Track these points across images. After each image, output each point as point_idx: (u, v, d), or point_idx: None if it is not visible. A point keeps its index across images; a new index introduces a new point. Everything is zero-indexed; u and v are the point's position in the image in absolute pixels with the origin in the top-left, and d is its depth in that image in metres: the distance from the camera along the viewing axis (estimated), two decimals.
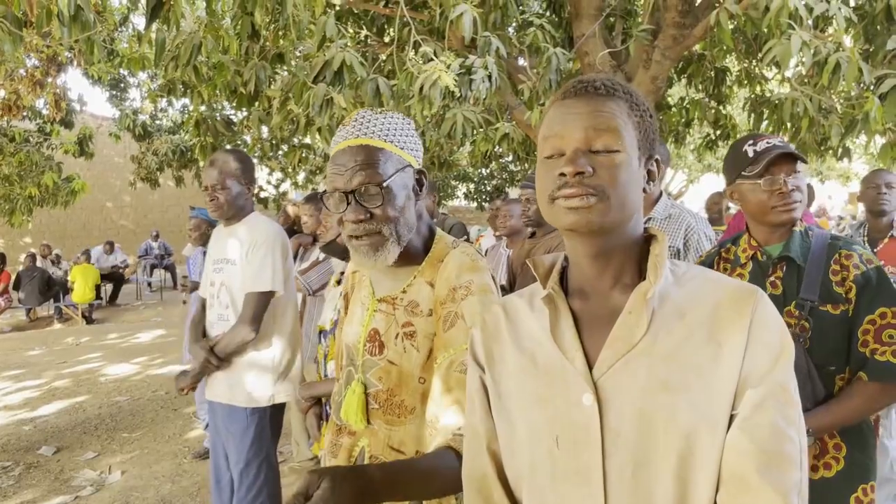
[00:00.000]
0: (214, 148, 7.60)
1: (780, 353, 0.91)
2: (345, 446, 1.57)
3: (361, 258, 1.45)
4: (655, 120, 1.01)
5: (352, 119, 1.49)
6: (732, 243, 2.10)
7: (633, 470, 0.92)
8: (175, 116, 12.45)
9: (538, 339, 1.05)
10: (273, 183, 13.45)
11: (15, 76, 7.51)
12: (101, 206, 20.27)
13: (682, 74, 6.66)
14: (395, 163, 1.45)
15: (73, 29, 3.11)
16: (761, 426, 0.88)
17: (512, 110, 5.76)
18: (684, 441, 0.90)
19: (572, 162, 0.94)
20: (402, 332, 1.48)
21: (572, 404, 0.97)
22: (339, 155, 1.44)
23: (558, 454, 0.97)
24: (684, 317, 0.95)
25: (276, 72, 5.48)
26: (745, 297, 0.93)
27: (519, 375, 1.05)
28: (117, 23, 7.01)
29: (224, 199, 2.76)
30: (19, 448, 5.25)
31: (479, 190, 18.50)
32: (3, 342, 10.53)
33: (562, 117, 0.99)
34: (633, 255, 1.01)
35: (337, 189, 1.43)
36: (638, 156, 0.98)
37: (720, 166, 19.36)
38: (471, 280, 1.42)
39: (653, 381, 0.92)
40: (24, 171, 10.26)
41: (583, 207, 0.94)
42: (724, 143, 7.12)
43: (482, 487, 1.10)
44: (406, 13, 4.43)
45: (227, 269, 2.84)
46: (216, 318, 2.89)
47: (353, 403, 1.52)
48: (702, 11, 5.08)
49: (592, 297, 1.02)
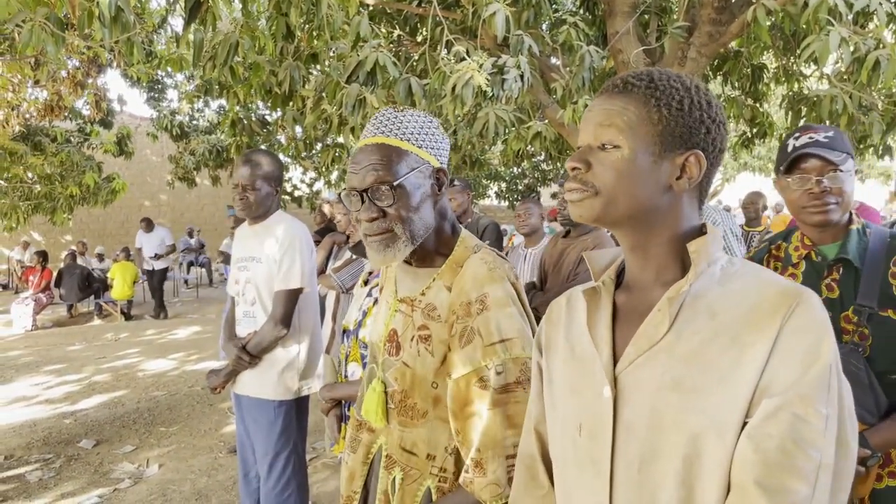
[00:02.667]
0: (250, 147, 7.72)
1: (813, 363, 0.85)
2: (364, 443, 1.59)
3: (373, 255, 1.46)
4: (703, 110, 0.97)
5: (373, 118, 1.50)
6: (784, 240, 1.98)
7: (640, 466, 0.92)
8: (211, 116, 12.62)
9: (582, 329, 1.07)
10: (307, 182, 13.58)
11: (57, 77, 7.68)
12: (139, 205, 20.66)
13: (718, 72, 6.56)
14: (411, 162, 1.44)
15: (113, 30, 3.17)
16: (770, 437, 0.84)
17: (544, 109, 5.73)
18: (691, 444, 0.89)
19: (572, 158, 0.98)
20: (418, 334, 1.47)
21: (595, 395, 0.99)
22: (357, 154, 1.46)
23: (579, 442, 1.00)
24: (716, 317, 0.93)
25: (310, 72, 5.53)
26: (783, 301, 0.89)
27: (562, 364, 1.09)
28: (156, 24, 7.13)
29: (253, 199, 2.82)
30: (60, 441, 5.39)
31: (511, 189, 18.45)
32: (44, 337, 10.79)
33: (585, 115, 1.03)
34: (675, 252, 1.00)
35: (352, 188, 1.44)
36: (654, 150, 0.96)
37: (757, 165, 19.03)
38: (486, 293, 1.39)
39: (667, 379, 0.92)
40: (66, 170, 10.52)
41: (575, 201, 0.99)
42: (760, 141, 7.00)
43: (530, 465, 1.17)
44: (439, 12, 4.44)
45: (253, 268, 2.90)
46: (242, 314, 2.96)
47: (373, 401, 1.53)
48: (738, 8, 5.00)
49: (635, 292, 1.03)
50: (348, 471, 1.62)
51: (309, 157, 11.41)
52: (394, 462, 1.49)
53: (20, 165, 9.78)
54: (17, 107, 7.80)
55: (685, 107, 0.97)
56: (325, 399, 2.64)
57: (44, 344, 10.14)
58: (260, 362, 2.85)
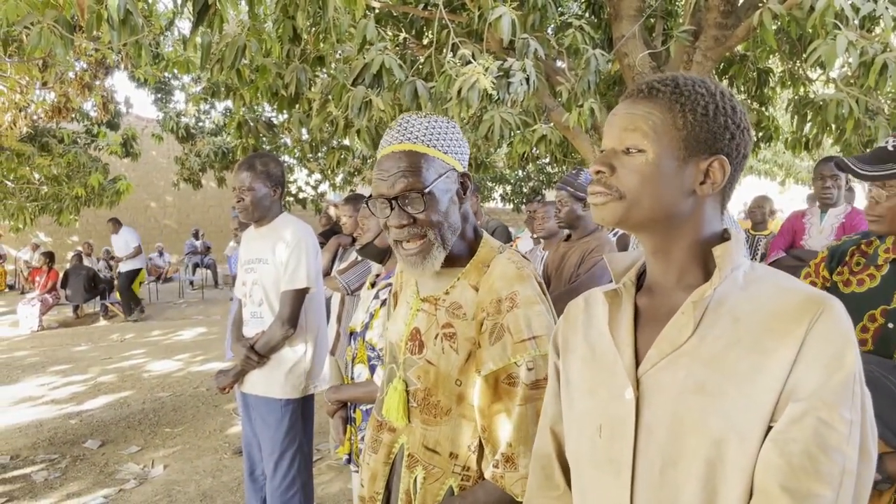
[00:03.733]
0: (255, 149, 7.74)
1: (837, 369, 0.86)
2: (385, 443, 1.59)
3: (411, 268, 1.48)
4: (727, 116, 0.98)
5: (396, 124, 1.50)
6: (879, 238, 1.93)
7: (661, 468, 0.93)
8: (217, 118, 12.66)
9: (602, 331, 1.08)
10: (312, 184, 13.62)
11: (64, 79, 7.72)
12: (145, 206, 20.72)
13: (724, 75, 6.56)
14: (438, 167, 1.46)
15: (122, 33, 3.19)
16: (795, 441, 0.85)
17: (550, 112, 5.74)
18: (714, 447, 0.89)
19: (596, 161, 0.99)
20: (442, 332, 1.48)
21: (616, 396, 1.00)
22: (384, 160, 1.47)
23: (599, 443, 1.01)
24: (739, 322, 0.93)
25: (317, 74, 5.55)
26: (808, 307, 0.89)
27: (581, 364, 1.10)
28: (163, 27, 7.17)
29: (249, 201, 2.87)
30: (66, 441, 5.41)
31: (516, 192, 18.43)
32: (50, 338, 10.83)
33: (609, 119, 1.03)
34: (697, 256, 1.01)
35: (381, 195, 1.45)
36: (678, 155, 0.97)
37: (762, 168, 18.96)
38: (515, 291, 1.41)
39: (689, 383, 0.93)
40: (72, 171, 10.59)
41: (598, 204, 1.00)
42: (765, 144, 7.00)
43: (545, 465, 1.19)
44: (445, 16, 4.45)
45: (260, 269, 2.93)
46: (249, 315, 3.01)
47: (394, 400, 1.54)
48: (744, 12, 5.00)
49: (657, 295, 1.04)
50: (370, 471, 1.63)
51: (314, 160, 11.44)
52: (416, 461, 1.50)
53: (27, 166, 9.83)
54: (24, 108, 7.84)
55: (710, 112, 0.97)
56: (330, 401, 2.65)
57: (50, 344, 10.18)
58: (268, 362, 2.89)
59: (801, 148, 6.09)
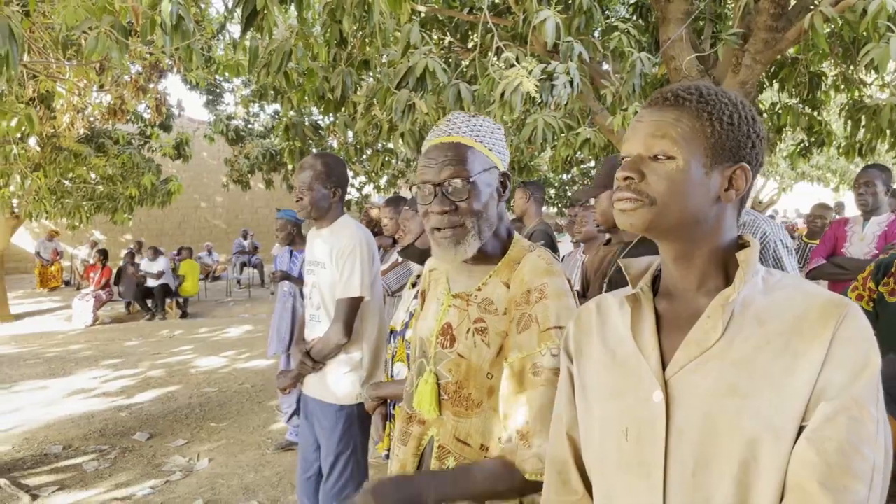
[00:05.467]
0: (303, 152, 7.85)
1: (863, 369, 0.89)
2: (414, 435, 1.62)
3: (443, 251, 1.51)
4: (749, 125, 1.01)
5: (445, 119, 1.56)
6: None
7: (694, 469, 0.94)
8: (266, 121, 12.89)
9: (621, 335, 1.09)
10: (356, 186, 13.75)
11: (120, 82, 7.95)
12: (195, 206, 21.21)
13: (774, 79, 6.43)
14: (483, 162, 1.51)
15: (174, 37, 3.29)
16: (830, 439, 0.87)
17: (594, 115, 5.71)
18: (747, 448, 0.90)
19: (624, 167, 1.00)
20: (474, 327, 1.52)
21: (643, 400, 1.01)
22: (431, 150, 1.52)
23: (625, 446, 1.02)
24: (764, 325, 0.95)
25: (362, 78, 5.62)
26: (832, 310, 0.92)
27: (600, 369, 1.11)
28: (214, 31, 7.34)
29: (308, 201, 2.87)
30: (116, 433, 5.58)
31: (560, 195, 18.32)
32: (103, 333, 11.17)
33: (633, 126, 1.04)
34: (718, 261, 1.03)
35: (426, 181, 1.50)
36: (705, 162, 0.99)
37: (815, 174, 18.45)
38: (545, 283, 1.45)
39: (721, 385, 0.94)
40: (126, 171, 10.90)
41: (627, 210, 1.00)
42: (818, 150, 6.83)
43: (562, 471, 1.18)
44: (489, 19, 4.47)
45: (318, 272, 2.94)
46: (309, 318, 3.01)
47: (426, 393, 1.57)
48: (795, 14, 4.89)
49: (677, 299, 1.05)
50: (399, 463, 1.66)
51: (359, 162, 11.55)
52: (447, 452, 1.53)
53: (84, 166, 10.17)
54: (82, 110, 8.10)
55: (735, 121, 1.00)
56: (371, 397, 2.68)
57: (102, 339, 10.50)
58: (323, 367, 2.90)
59: (854, 154, 5.93)
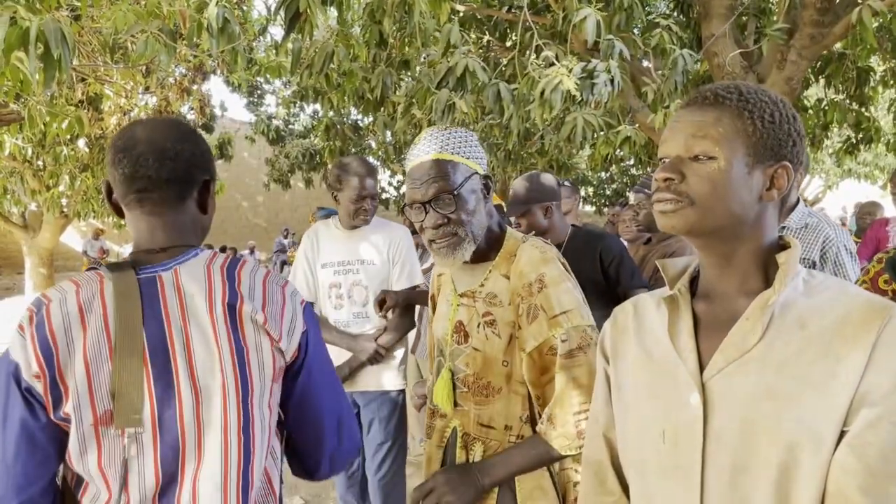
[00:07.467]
0: (342, 152, 7.95)
1: None
2: (438, 428, 1.76)
3: (442, 259, 1.63)
4: (790, 124, 0.99)
5: (420, 139, 1.65)
6: None
7: (732, 473, 0.93)
8: (306, 121, 13.05)
9: (658, 336, 1.08)
10: (394, 185, 13.86)
11: (165, 84, 8.14)
12: (237, 205, 21.57)
13: (821, 75, 6.30)
14: (463, 172, 1.61)
15: (220, 40, 3.36)
16: (872, 445, 0.85)
17: (635, 113, 5.66)
18: (787, 452, 0.89)
19: (664, 168, 0.99)
20: (483, 321, 1.64)
21: (680, 402, 0.99)
22: (414, 171, 1.62)
23: (663, 448, 1.01)
24: (805, 328, 0.93)
25: (402, 78, 5.66)
26: (875, 314, 0.90)
27: (636, 370, 1.10)
28: (257, 33, 7.46)
29: (373, 207, 2.98)
30: None
31: (598, 194, 18.18)
32: None
33: (671, 126, 1.03)
34: (758, 262, 1.01)
35: (415, 201, 1.60)
36: (747, 162, 0.97)
37: (862, 171, 18.05)
38: (543, 273, 1.57)
39: (760, 388, 0.93)
40: None
41: (668, 212, 0.99)
42: (865, 147, 6.67)
43: (598, 472, 1.19)
44: (529, 18, 4.46)
45: (364, 270, 2.95)
46: (352, 316, 2.96)
47: (442, 389, 1.70)
48: (842, 9, 4.79)
49: (716, 301, 1.04)
50: (426, 455, 1.80)
51: (398, 161, 11.63)
52: (473, 439, 1.65)
53: None
54: (128, 111, 8.30)
55: (776, 119, 0.98)
56: (419, 395, 2.72)
57: None
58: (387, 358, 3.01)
59: None
